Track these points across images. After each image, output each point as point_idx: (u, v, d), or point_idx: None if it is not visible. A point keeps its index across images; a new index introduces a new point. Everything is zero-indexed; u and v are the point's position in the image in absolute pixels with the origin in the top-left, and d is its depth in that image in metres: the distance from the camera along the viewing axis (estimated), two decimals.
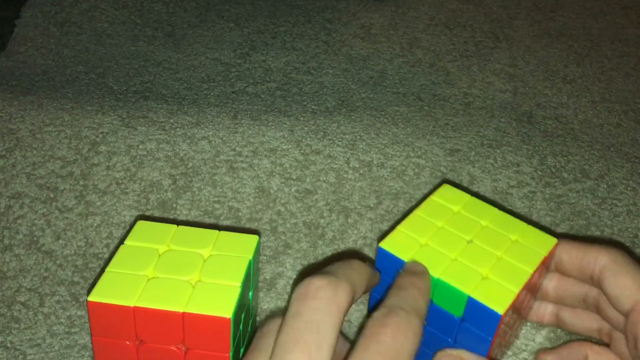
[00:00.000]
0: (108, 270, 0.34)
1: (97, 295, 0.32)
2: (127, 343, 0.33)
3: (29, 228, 0.47)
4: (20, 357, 0.40)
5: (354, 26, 0.76)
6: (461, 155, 0.55)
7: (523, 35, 0.76)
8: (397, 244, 0.35)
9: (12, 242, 0.47)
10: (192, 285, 0.33)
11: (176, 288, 0.33)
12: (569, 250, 0.37)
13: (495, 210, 0.38)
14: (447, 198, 0.39)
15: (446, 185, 0.40)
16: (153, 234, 0.36)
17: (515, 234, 0.37)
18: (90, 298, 0.32)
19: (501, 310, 0.32)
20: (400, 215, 0.50)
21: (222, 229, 0.38)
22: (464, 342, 0.34)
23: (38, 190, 0.50)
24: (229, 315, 0.31)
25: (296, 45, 0.73)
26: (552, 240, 0.37)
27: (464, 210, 0.38)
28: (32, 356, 0.40)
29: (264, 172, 0.52)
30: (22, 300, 0.43)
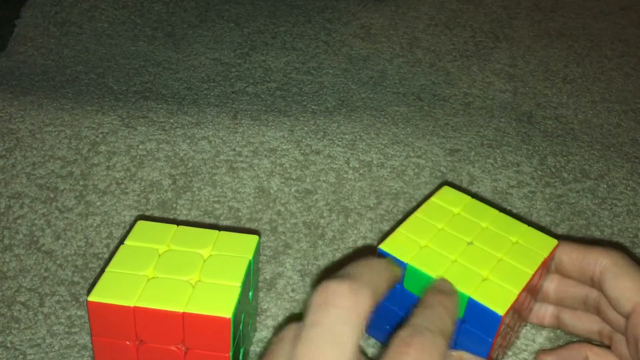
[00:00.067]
0: (108, 270, 0.34)
1: (97, 295, 0.32)
2: (127, 343, 0.33)
3: (29, 228, 0.47)
4: (20, 357, 0.40)
5: (354, 26, 0.76)
6: (461, 155, 0.55)
7: (523, 35, 0.76)
8: (397, 246, 0.35)
9: (12, 242, 0.47)
10: (192, 285, 0.33)
11: (176, 288, 0.33)
12: (569, 252, 0.37)
13: (495, 211, 0.38)
14: (447, 200, 0.39)
15: (446, 187, 0.40)
16: (153, 234, 0.36)
17: (516, 236, 0.37)
18: (90, 298, 0.32)
19: (502, 311, 0.32)
20: (400, 215, 0.50)
21: (222, 229, 0.38)
22: (464, 343, 0.34)
23: (38, 190, 0.50)
24: (229, 315, 0.31)
25: (296, 45, 0.73)
26: (552, 241, 0.37)
27: (464, 211, 0.38)
28: (32, 356, 0.40)
29: (264, 172, 0.52)
30: (22, 300, 0.43)
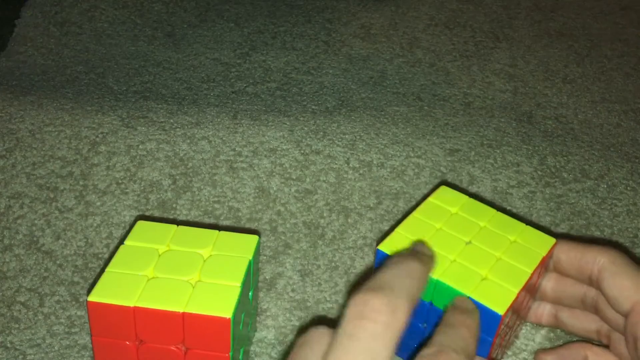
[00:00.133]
0: (108, 270, 0.34)
1: (97, 295, 0.32)
2: (127, 343, 0.33)
3: (29, 228, 0.48)
4: (20, 357, 0.40)
5: (354, 26, 0.76)
6: (461, 155, 0.55)
7: (523, 35, 0.76)
8: (396, 246, 0.35)
9: (12, 242, 0.47)
10: (192, 285, 0.33)
11: (176, 288, 0.33)
12: (567, 251, 0.37)
13: (493, 211, 0.38)
14: (444, 200, 0.39)
15: (444, 187, 0.40)
16: (153, 234, 0.36)
17: (514, 235, 0.37)
18: (90, 298, 0.32)
19: (501, 310, 0.32)
20: (400, 215, 0.50)
21: (222, 229, 0.38)
22: None
23: (38, 190, 0.50)
24: (229, 315, 0.32)
25: (296, 45, 0.73)
26: (550, 240, 0.37)
27: (462, 211, 0.38)
28: (32, 356, 0.40)
29: (264, 172, 0.52)
30: (22, 300, 0.43)
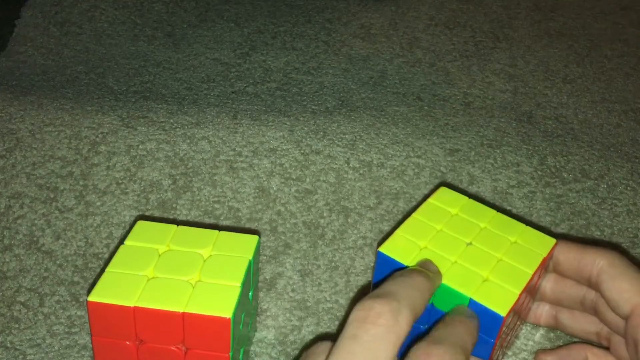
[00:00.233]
0: (108, 270, 0.34)
1: (97, 295, 0.32)
2: (127, 343, 0.33)
3: (29, 228, 0.48)
4: (20, 357, 0.40)
5: (354, 26, 0.76)
6: (461, 155, 0.55)
7: (523, 35, 0.76)
8: (396, 248, 0.35)
9: (12, 242, 0.47)
10: (192, 285, 0.33)
11: (176, 288, 0.33)
12: (566, 252, 0.37)
13: (493, 211, 0.38)
14: (444, 201, 0.39)
15: (443, 188, 0.40)
16: (153, 234, 0.36)
17: (514, 235, 0.37)
18: (90, 298, 0.32)
19: (503, 312, 0.32)
20: (400, 215, 0.50)
21: (222, 229, 0.38)
22: None
23: (38, 190, 0.50)
24: (229, 315, 0.31)
25: (296, 45, 0.73)
26: (550, 240, 0.37)
27: (462, 212, 0.38)
28: (32, 356, 0.40)
29: (264, 172, 0.52)
30: (22, 300, 0.43)
